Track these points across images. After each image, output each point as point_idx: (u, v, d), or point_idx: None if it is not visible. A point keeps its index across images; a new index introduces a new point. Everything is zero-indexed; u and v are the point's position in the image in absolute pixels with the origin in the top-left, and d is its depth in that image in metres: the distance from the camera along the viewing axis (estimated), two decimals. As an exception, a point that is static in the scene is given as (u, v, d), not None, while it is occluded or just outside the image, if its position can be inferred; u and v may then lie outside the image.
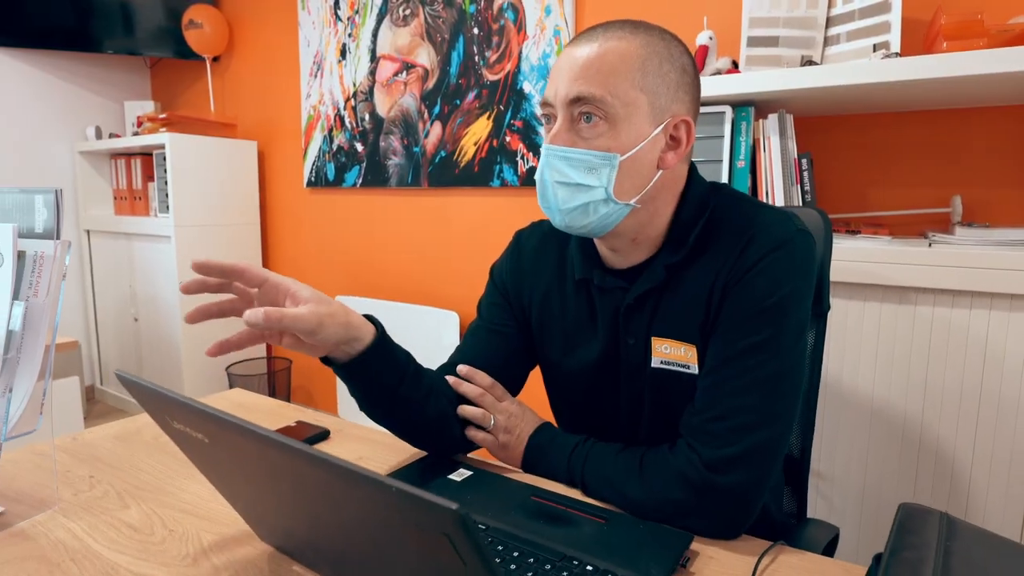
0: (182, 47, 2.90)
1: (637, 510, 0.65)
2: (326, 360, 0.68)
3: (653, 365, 0.75)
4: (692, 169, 0.77)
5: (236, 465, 0.47)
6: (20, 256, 0.70)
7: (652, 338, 0.74)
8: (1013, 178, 1.37)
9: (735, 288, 0.69)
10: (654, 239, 0.75)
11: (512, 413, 0.77)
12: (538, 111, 1.83)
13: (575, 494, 0.72)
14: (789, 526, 0.86)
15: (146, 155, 3.08)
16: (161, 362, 2.74)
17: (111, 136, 3.09)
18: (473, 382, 0.78)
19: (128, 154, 3.10)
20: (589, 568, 0.55)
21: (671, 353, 0.74)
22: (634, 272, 0.75)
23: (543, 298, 0.81)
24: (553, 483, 0.74)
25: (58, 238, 0.71)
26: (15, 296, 0.69)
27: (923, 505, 0.55)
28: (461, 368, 0.79)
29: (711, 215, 0.73)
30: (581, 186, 0.66)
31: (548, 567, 0.54)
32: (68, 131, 3.10)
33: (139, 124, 2.98)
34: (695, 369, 0.72)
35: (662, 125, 0.67)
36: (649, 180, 0.68)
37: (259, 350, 2.88)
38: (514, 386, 0.84)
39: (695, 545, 0.63)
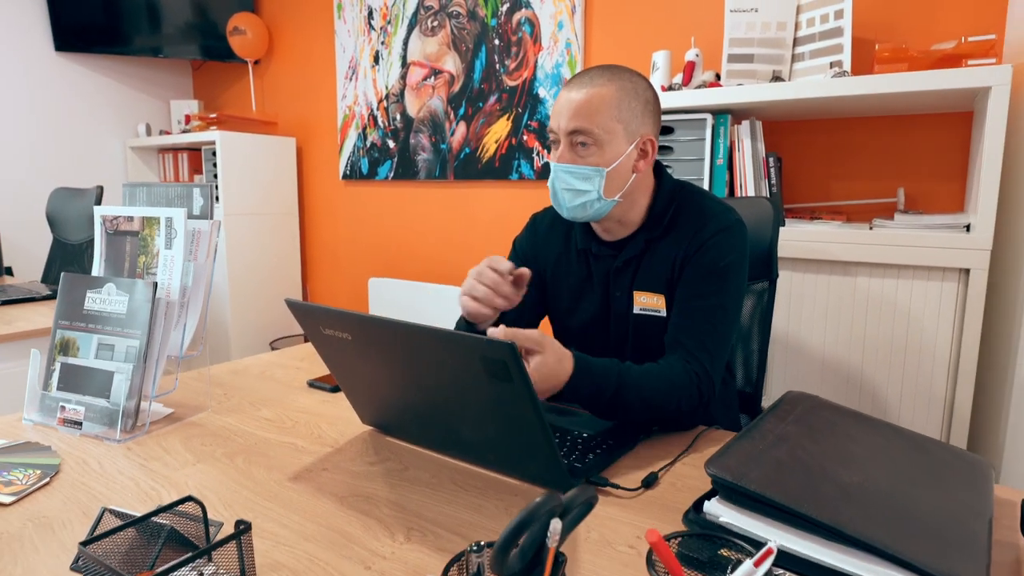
0: (226, 51, 3.21)
1: (655, 411, 0.88)
2: None
3: (635, 311, 1.03)
4: (662, 170, 1.05)
5: (365, 354, 0.77)
6: (190, 231, 1.00)
7: (634, 292, 1.03)
8: (947, 173, 1.64)
9: (693, 257, 0.98)
10: (635, 221, 1.03)
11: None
12: (550, 124, 2.10)
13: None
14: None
15: (193, 150, 3.40)
16: (213, 332, 3.05)
17: (161, 133, 3.41)
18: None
19: (175, 149, 3.41)
20: (585, 435, 0.84)
21: (647, 302, 1.03)
22: (621, 244, 1.04)
23: (554, 264, 1.11)
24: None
25: (211, 218, 1.00)
26: (185, 259, 0.99)
27: (804, 392, 0.84)
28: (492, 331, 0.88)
29: (677, 205, 1.02)
30: (580, 191, 0.95)
31: (557, 437, 0.83)
32: (121, 128, 3.42)
33: (187, 122, 3.29)
34: (664, 313, 1.01)
35: (634, 143, 0.96)
36: (627, 182, 0.97)
37: (298, 327, 3.21)
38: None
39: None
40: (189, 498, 0.56)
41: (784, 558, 0.55)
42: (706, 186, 1.68)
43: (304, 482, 0.75)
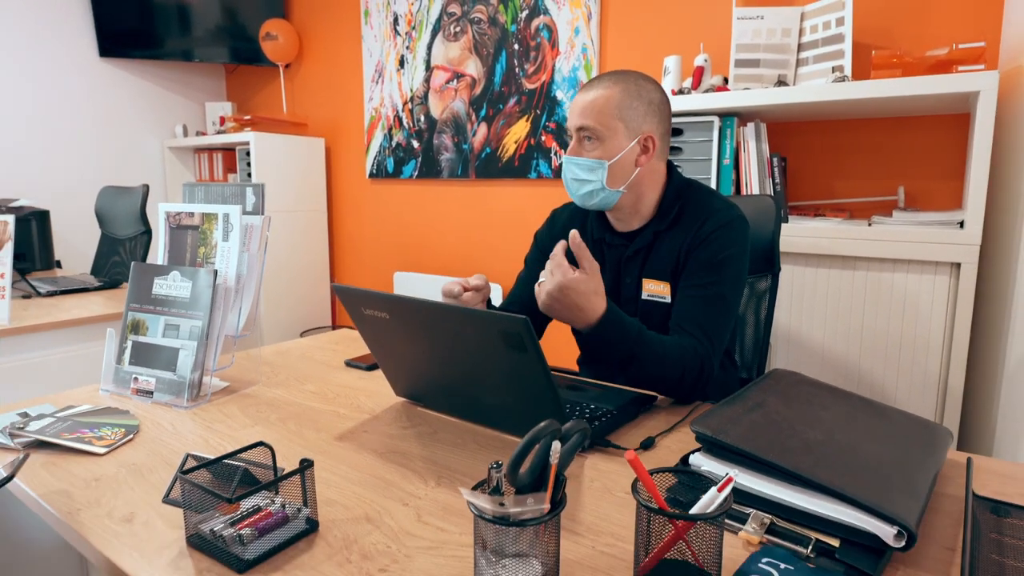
0: (256, 55, 3.36)
1: (660, 372, 0.98)
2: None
3: (643, 297, 1.14)
4: (673, 169, 1.15)
5: (400, 331, 0.89)
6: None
7: (643, 279, 1.14)
8: (945, 172, 1.71)
9: (696, 249, 1.08)
10: (645, 214, 1.14)
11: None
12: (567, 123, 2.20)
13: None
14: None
15: (227, 150, 3.56)
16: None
17: (197, 134, 3.59)
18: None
19: (211, 149, 3.59)
20: (592, 406, 0.95)
21: (655, 289, 1.13)
22: (632, 235, 1.15)
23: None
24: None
25: (262, 214, 1.13)
26: (240, 251, 1.12)
27: (789, 370, 0.93)
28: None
29: (684, 201, 1.12)
30: (585, 180, 1.06)
31: (567, 407, 0.94)
32: (159, 129, 3.61)
33: (222, 123, 3.46)
34: (669, 299, 1.11)
35: (636, 139, 1.06)
36: (630, 174, 1.07)
37: (327, 319, 3.36)
38: (547, 318, 1.23)
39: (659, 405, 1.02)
40: (260, 443, 0.68)
41: (756, 500, 0.66)
42: (713, 184, 1.77)
43: (348, 441, 0.87)
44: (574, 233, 0.93)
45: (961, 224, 1.49)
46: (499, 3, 2.51)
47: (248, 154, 3.09)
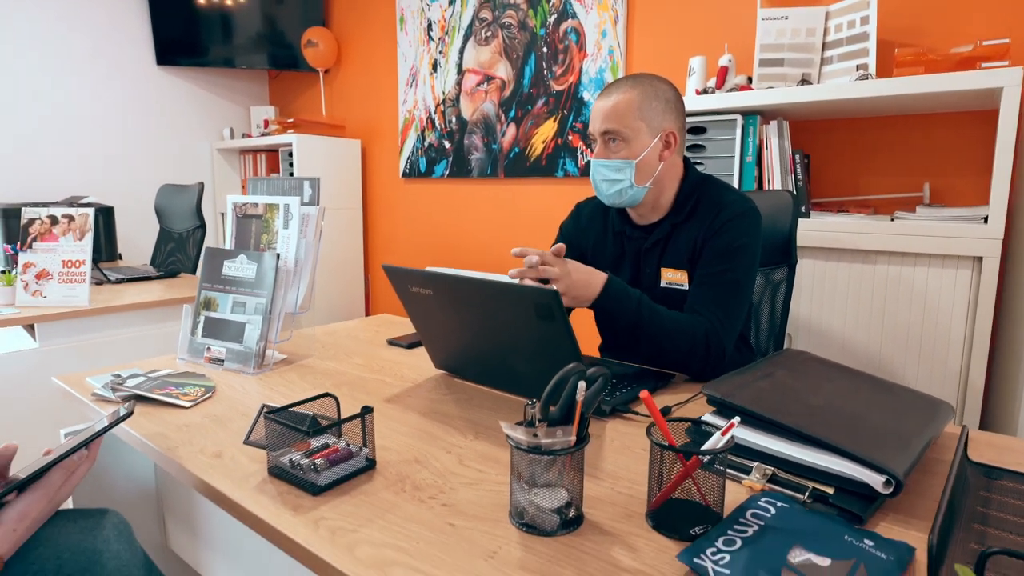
0: (296, 61, 3.54)
1: (671, 344, 1.07)
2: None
3: (662, 285, 1.22)
4: (689, 164, 1.23)
5: (441, 306, 0.99)
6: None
7: (661, 268, 1.22)
8: (973, 168, 1.74)
9: (711, 238, 1.16)
10: (663, 208, 1.22)
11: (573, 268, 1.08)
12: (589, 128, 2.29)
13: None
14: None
15: (271, 151, 3.75)
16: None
17: (243, 136, 3.78)
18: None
19: (255, 150, 3.77)
20: (615, 380, 1.04)
21: (673, 277, 1.21)
22: (651, 227, 1.23)
23: (593, 244, 1.30)
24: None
25: (317, 205, 1.25)
26: (298, 237, 1.24)
27: (801, 349, 1.00)
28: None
29: (699, 194, 1.20)
30: (615, 180, 1.15)
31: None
32: (208, 132, 3.81)
33: (266, 125, 3.64)
34: (686, 286, 1.19)
35: (657, 137, 1.14)
36: (655, 170, 1.15)
37: (360, 312, 3.51)
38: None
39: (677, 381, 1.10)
40: (327, 394, 0.79)
41: (760, 455, 0.74)
42: (736, 181, 1.83)
43: (395, 403, 0.98)
44: (561, 247, 1.06)
45: (985, 220, 1.52)
46: (529, 8, 2.61)
47: (290, 155, 3.25)
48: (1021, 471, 0.75)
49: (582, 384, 0.59)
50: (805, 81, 1.79)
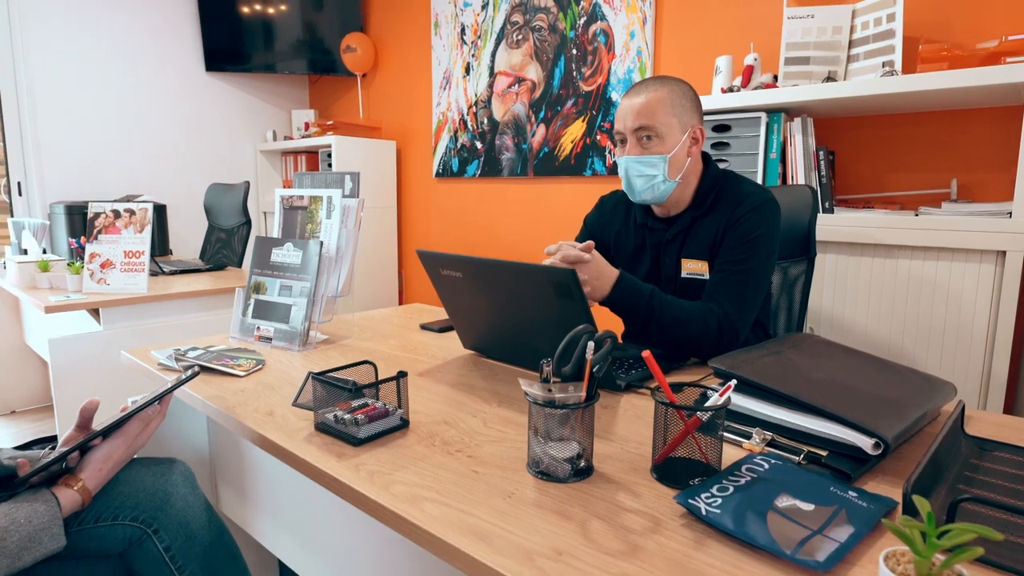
0: (334, 66, 3.69)
1: (683, 333, 1.13)
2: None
3: (683, 276, 1.28)
4: (709, 160, 1.28)
5: (470, 288, 1.07)
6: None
7: (682, 259, 1.28)
8: (1001, 164, 1.74)
9: (731, 229, 1.21)
10: (684, 201, 1.28)
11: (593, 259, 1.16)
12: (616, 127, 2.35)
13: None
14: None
15: (310, 152, 3.91)
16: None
17: (285, 138, 3.96)
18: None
19: (296, 151, 3.94)
20: (631, 359, 1.10)
21: (694, 267, 1.27)
22: (671, 220, 1.29)
23: (615, 235, 1.37)
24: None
25: (357, 196, 1.35)
26: (340, 227, 1.34)
27: (810, 333, 1.05)
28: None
29: (719, 188, 1.25)
30: (649, 175, 1.20)
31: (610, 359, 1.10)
32: (252, 134, 4.00)
33: (306, 128, 3.81)
34: (707, 276, 1.25)
35: (687, 132, 1.20)
36: (684, 164, 1.21)
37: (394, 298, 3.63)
38: None
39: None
40: (366, 361, 0.88)
41: (760, 422, 0.80)
42: (759, 177, 1.87)
43: (426, 377, 1.07)
44: (589, 244, 1.12)
45: (1009, 214, 1.53)
46: (559, 11, 2.68)
47: (329, 156, 3.40)
48: (1017, 444, 0.79)
49: (591, 344, 0.66)
50: (830, 79, 1.82)
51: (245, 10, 3.67)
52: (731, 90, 1.97)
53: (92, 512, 0.82)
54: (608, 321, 1.29)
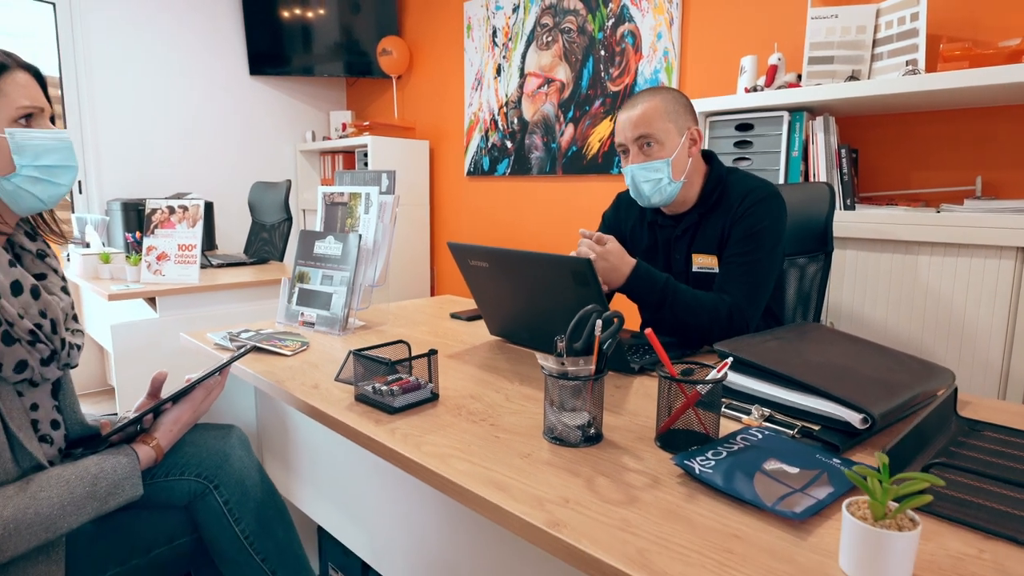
0: (371, 68, 3.83)
1: (695, 320, 1.21)
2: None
3: (693, 270, 1.34)
4: (714, 158, 1.34)
5: (496, 277, 1.16)
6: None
7: (693, 254, 1.34)
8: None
9: (736, 224, 1.27)
10: (691, 200, 1.34)
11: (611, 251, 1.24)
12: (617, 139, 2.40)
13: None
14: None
15: (347, 152, 4.06)
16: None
17: (323, 139, 4.12)
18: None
19: (333, 151, 4.10)
20: (646, 345, 1.17)
21: (704, 262, 1.33)
22: (680, 217, 1.35)
23: (631, 231, 1.44)
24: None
25: (392, 193, 1.45)
26: (377, 221, 1.45)
27: (822, 324, 1.11)
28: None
29: (725, 184, 1.31)
30: (655, 180, 1.27)
31: (625, 348, 1.17)
32: (292, 135, 4.17)
33: (343, 128, 3.96)
34: (716, 270, 1.31)
35: (684, 135, 1.26)
36: (686, 165, 1.28)
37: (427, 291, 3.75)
38: (611, 291, 1.46)
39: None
40: (400, 341, 0.98)
41: (759, 400, 0.86)
42: (781, 175, 1.91)
43: (456, 359, 1.16)
44: (602, 236, 1.21)
45: (1028, 210, 1.54)
46: (588, 13, 2.75)
47: (365, 155, 3.54)
48: (1007, 426, 0.84)
49: (599, 322, 0.74)
50: (853, 78, 1.84)
51: (285, 15, 3.83)
52: (755, 89, 2.01)
53: (163, 468, 0.94)
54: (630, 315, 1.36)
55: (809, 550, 0.55)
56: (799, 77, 1.99)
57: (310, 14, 3.85)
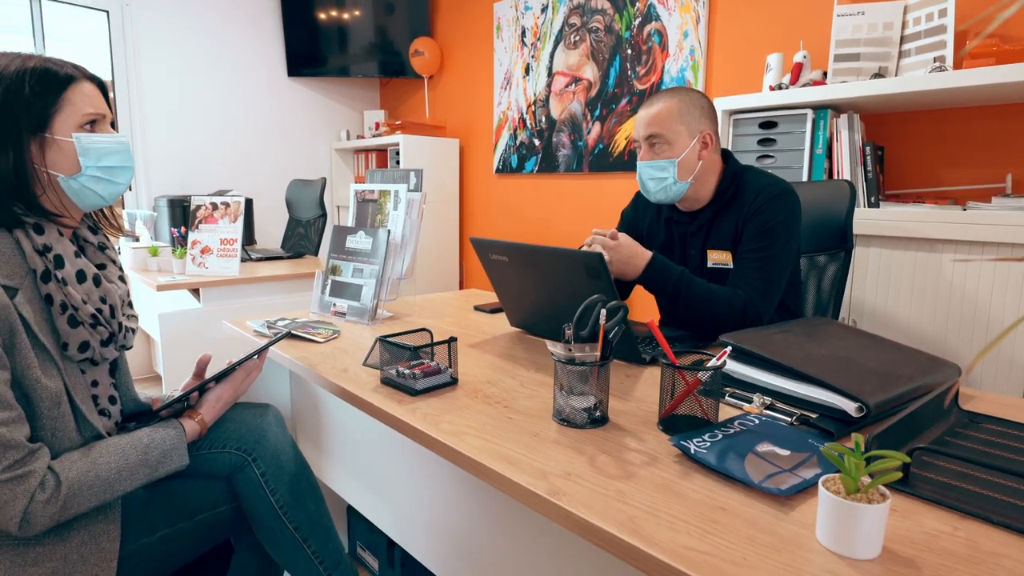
0: (404, 68, 3.92)
1: (709, 312, 1.25)
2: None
3: (709, 266, 1.37)
4: (730, 157, 1.37)
5: (515, 270, 1.22)
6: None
7: (707, 250, 1.37)
8: (1059, 159, 1.71)
9: (750, 219, 1.30)
10: (706, 197, 1.37)
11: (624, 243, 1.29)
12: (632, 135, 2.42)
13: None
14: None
15: (379, 151, 4.18)
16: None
17: (357, 138, 4.24)
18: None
19: (367, 150, 4.22)
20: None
21: (718, 257, 1.36)
22: (695, 214, 1.39)
23: (648, 228, 1.48)
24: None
25: (419, 191, 1.52)
26: (405, 217, 1.52)
27: (832, 320, 1.13)
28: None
29: (739, 182, 1.34)
30: (660, 178, 1.31)
31: (639, 340, 1.22)
32: (328, 134, 4.31)
33: (377, 128, 4.07)
34: (731, 265, 1.34)
35: (696, 138, 1.29)
36: (695, 167, 1.31)
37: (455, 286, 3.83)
38: (629, 284, 1.50)
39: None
40: (423, 329, 1.05)
41: (761, 389, 0.90)
42: (805, 172, 1.91)
43: (477, 348, 1.23)
44: (615, 232, 1.26)
45: (1057, 208, 1.52)
46: (615, 12, 2.78)
47: (398, 153, 3.64)
48: (1008, 419, 0.86)
49: (603, 311, 0.79)
50: (879, 75, 1.83)
51: (322, 16, 3.96)
52: (779, 87, 2.02)
53: (207, 441, 1.03)
54: (647, 307, 1.40)
55: (790, 523, 0.60)
56: (824, 75, 1.99)
57: (346, 16, 3.96)
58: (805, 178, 1.92)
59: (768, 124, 2.00)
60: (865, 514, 0.53)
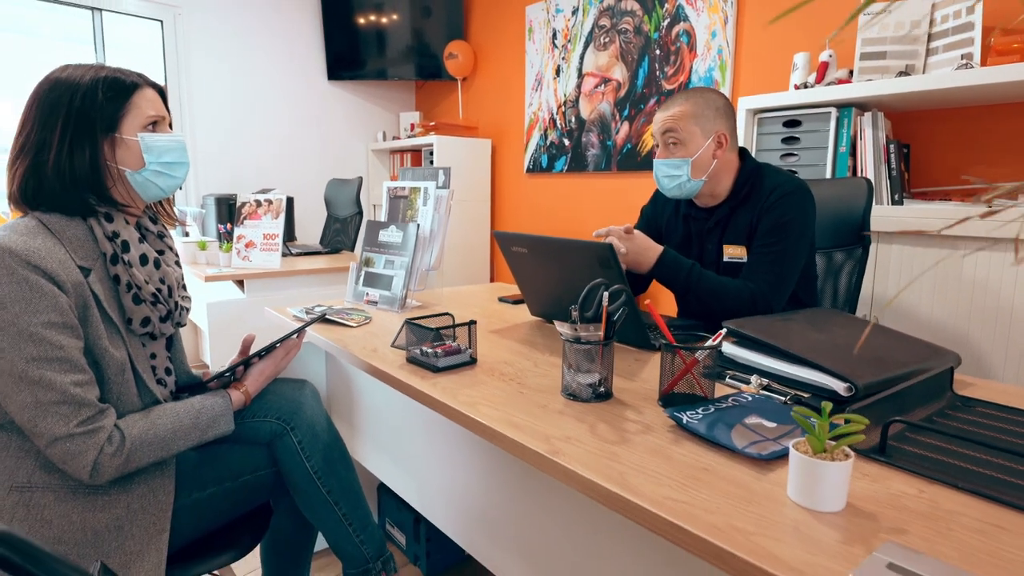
0: (440, 71, 4.04)
1: (720, 305, 1.31)
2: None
3: (724, 260, 1.42)
4: (746, 155, 1.41)
5: (534, 261, 1.29)
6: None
7: (724, 245, 1.42)
8: (1091, 156, 1.68)
9: (765, 215, 1.34)
10: (722, 194, 1.42)
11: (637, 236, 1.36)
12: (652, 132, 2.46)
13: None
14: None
15: (414, 151, 4.31)
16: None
17: (392, 139, 4.38)
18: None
19: (402, 150, 4.36)
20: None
21: (734, 252, 1.41)
22: (712, 210, 1.43)
23: (666, 224, 1.53)
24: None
25: (447, 188, 1.61)
26: (433, 212, 1.62)
27: (838, 310, 1.17)
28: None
29: (754, 180, 1.38)
30: (674, 176, 1.36)
31: (649, 328, 1.28)
32: (365, 135, 4.47)
33: (412, 128, 4.20)
34: (746, 260, 1.38)
35: (711, 138, 1.34)
36: (709, 166, 1.36)
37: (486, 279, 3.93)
38: (646, 279, 1.55)
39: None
40: (446, 313, 1.14)
41: (758, 371, 0.95)
42: (828, 170, 1.93)
43: (498, 335, 1.31)
44: (629, 227, 1.33)
45: (1084, 205, 1.51)
46: (644, 14, 2.82)
47: (431, 154, 3.75)
48: (999, 403, 0.89)
49: (606, 294, 0.86)
50: (903, 73, 1.84)
51: (361, 21, 4.11)
52: (804, 86, 2.03)
53: (250, 410, 1.14)
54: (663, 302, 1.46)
55: (766, 482, 0.66)
56: (850, 72, 2.00)
57: (384, 20, 4.11)
58: (828, 175, 1.94)
59: (792, 123, 2.02)
60: (828, 470, 0.58)
